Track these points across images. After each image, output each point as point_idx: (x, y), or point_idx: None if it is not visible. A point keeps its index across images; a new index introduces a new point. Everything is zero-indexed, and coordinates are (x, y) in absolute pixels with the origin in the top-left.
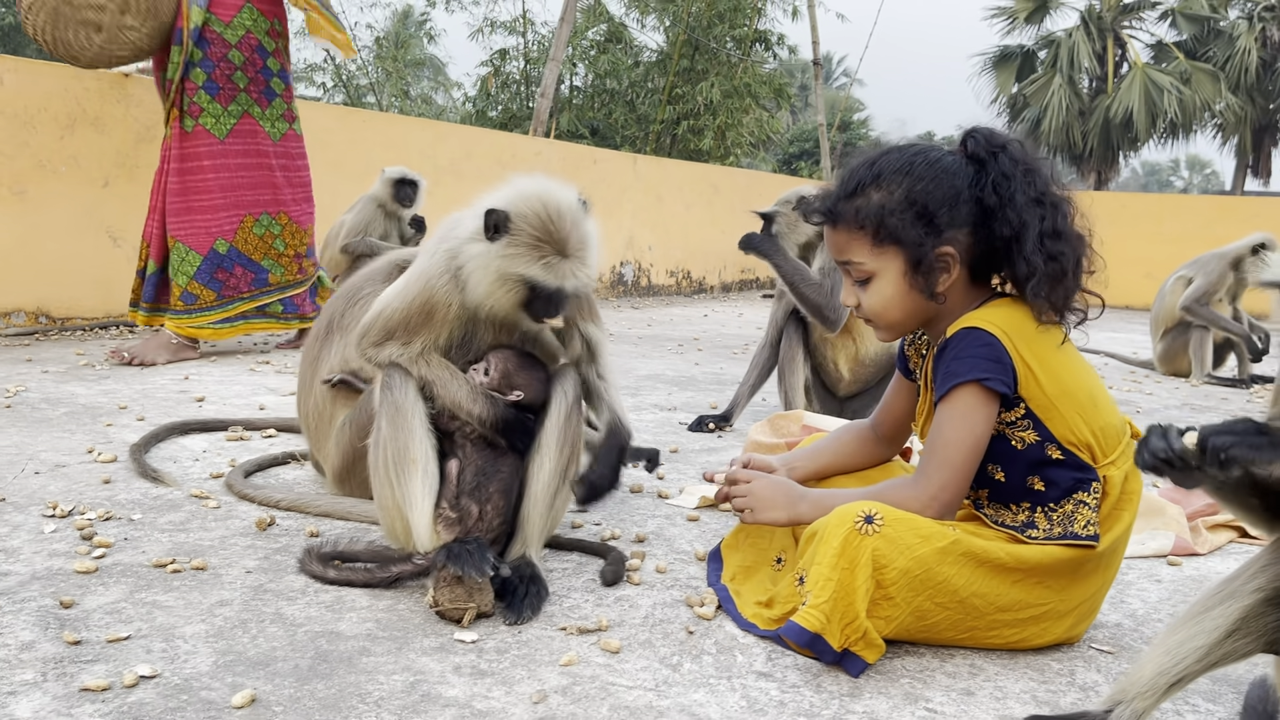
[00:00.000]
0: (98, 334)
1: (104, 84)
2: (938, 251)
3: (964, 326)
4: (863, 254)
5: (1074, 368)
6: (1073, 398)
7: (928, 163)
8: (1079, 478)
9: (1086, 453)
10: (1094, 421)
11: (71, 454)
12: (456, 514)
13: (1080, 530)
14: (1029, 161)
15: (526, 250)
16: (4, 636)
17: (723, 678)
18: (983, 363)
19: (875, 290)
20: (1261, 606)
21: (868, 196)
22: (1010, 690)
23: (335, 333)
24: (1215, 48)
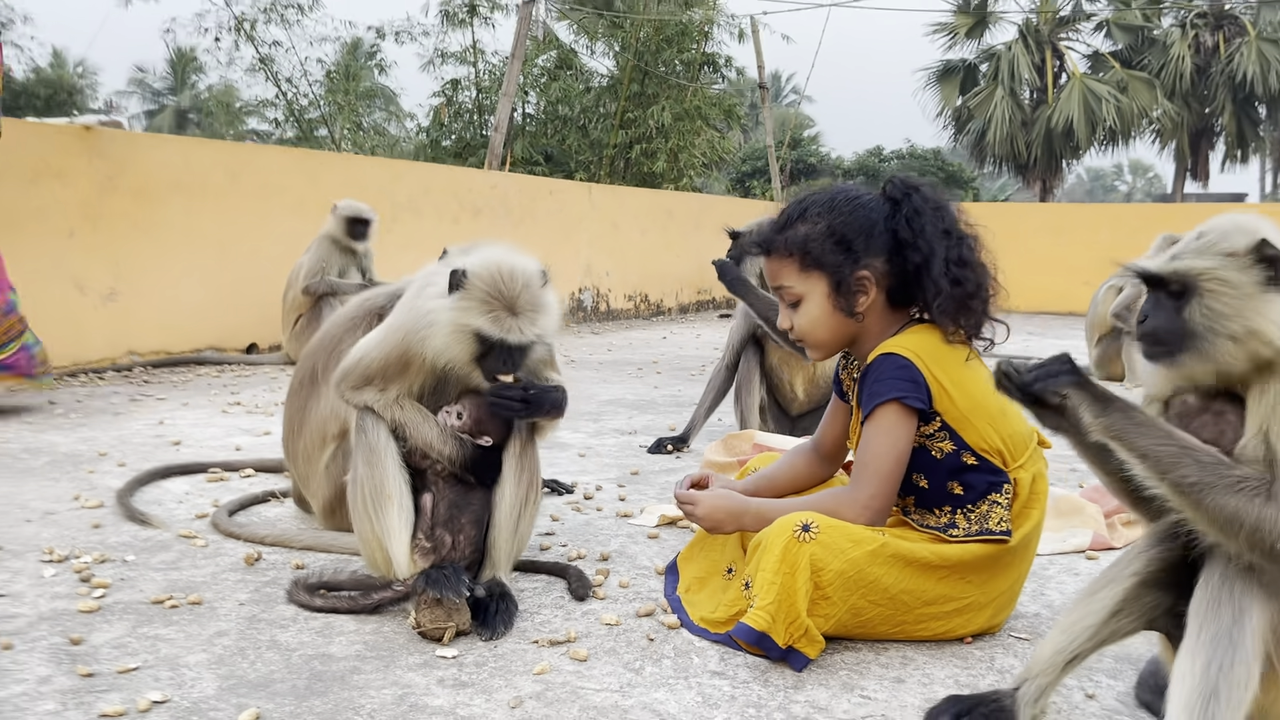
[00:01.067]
0: (67, 382)
1: (66, 137)
2: (855, 275)
3: (882, 352)
4: (792, 279)
5: (984, 383)
6: (983, 409)
7: (847, 199)
8: (992, 480)
9: (998, 458)
10: (1003, 430)
11: (59, 501)
12: (432, 544)
13: (995, 527)
14: (938, 200)
15: (478, 305)
16: (22, 672)
17: (680, 678)
18: (900, 383)
19: (804, 311)
20: (1138, 589)
21: (795, 229)
22: (936, 676)
23: (321, 382)
24: (1150, 56)
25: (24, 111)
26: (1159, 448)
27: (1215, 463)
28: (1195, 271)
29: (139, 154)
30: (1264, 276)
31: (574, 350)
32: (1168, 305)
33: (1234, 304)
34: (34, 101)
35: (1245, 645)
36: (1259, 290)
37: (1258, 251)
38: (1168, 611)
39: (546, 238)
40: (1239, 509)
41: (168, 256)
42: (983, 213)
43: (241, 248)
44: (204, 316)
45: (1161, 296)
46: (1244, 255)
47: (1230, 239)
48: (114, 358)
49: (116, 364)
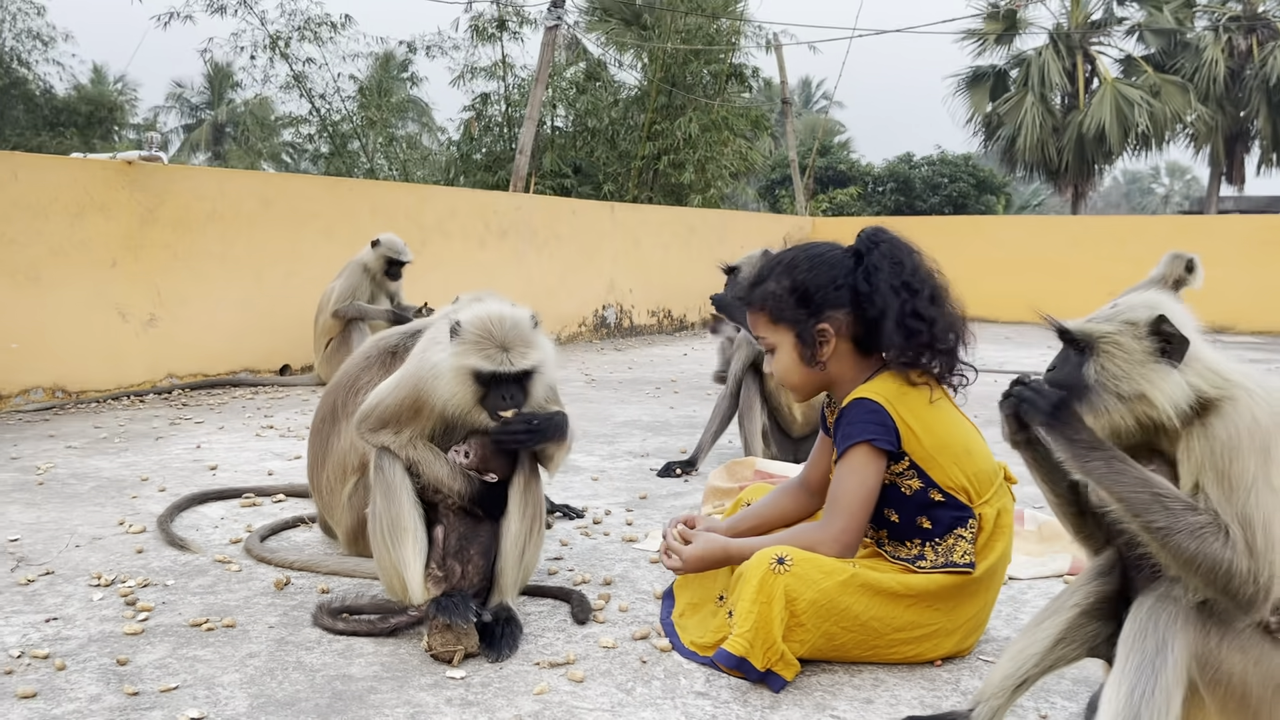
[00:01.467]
0: (110, 405)
1: (109, 172)
2: (816, 328)
3: (855, 398)
4: (764, 330)
5: (950, 424)
6: (949, 450)
7: (809, 258)
8: (957, 516)
9: (964, 495)
10: (968, 468)
11: (105, 526)
12: (443, 573)
13: (959, 560)
14: (896, 255)
15: (472, 347)
16: (75, 690)
17: (668, 698)
18: (870, 426)
19: (778, 359)
20: (1079, 619)
21: (765, 285)
22: (903, 697)
23: (341, 419)
24: (1183, 60)
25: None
26: (1133, 493)
27: (1182, 509)
28: (1097, 334)
29: (176, 185)
30: (1156, 348)
31: (595, 368)
32: (1073, 360)
33: (1125, 367)
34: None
35: (1166, 673)
36: (1150, 359)
37: (1154, 325)
38: (1107, 640)
39: (570, 256)
40: (1198, 551)
41: (204, 283)
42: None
43: (275, 273)
44: (239, 340)
45: (1070, 352)
46: (1143, 326)
47: (1136, 311)
48: (154, 380)
49: (156, 386)
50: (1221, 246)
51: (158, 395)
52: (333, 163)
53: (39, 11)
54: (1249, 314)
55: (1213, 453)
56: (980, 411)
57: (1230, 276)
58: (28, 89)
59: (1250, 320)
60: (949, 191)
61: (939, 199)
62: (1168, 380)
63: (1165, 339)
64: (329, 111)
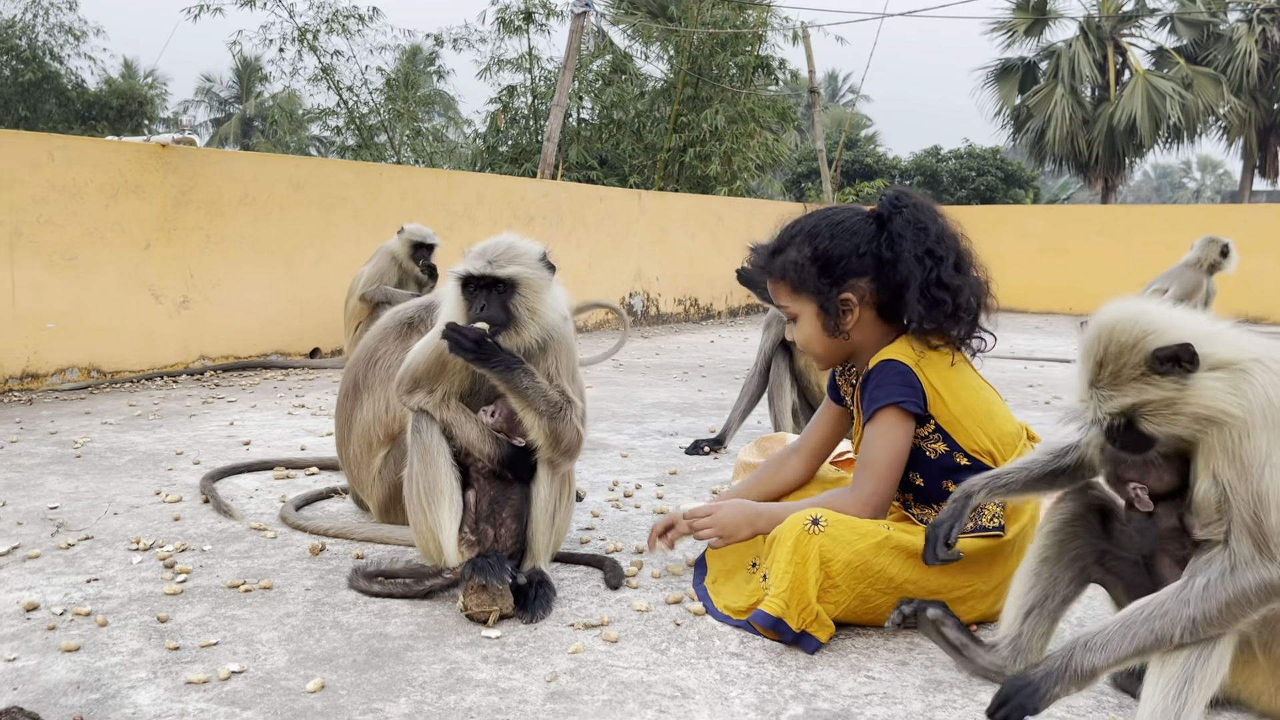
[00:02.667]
0: (144, 385)
1: (143, 155)
2: (840, 298)
3: (882, 359)
4: (786, 299)
5: (973, 387)
6: (973, 413)
7: (830, 225)
8: None
9: (988, 458)
10: (991, 431)
11: (142, 496)
12: (476, 537)
13: (988, 523)
14: (921, 220)
15: (461, 260)
16: (117, 645)
17: (702, 658)
18: (899, 388)
19: (800, 328)
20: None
21: (786, 254)
22: (938, 659)
23: (363, 391)
24: (1216, 51)
25: (97, 122)
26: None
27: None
28: (1128, 406)
29: (210, 169)
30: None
31: (623, 354)
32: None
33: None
34: (107, 112)
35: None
36: (1179, 387)
37: (1151, 361)
38: (1097, 561)
39: (598, 244)
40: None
41: (237, 266)
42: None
43: (305, 256)
44: (270, 322)
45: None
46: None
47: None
48: (187, 362)
49: (189, 368)
50: (1254, 234)
51: (190, 376)
52: (360, 155)
53: (71, 6)
54: None
55: (1224, 437)
56: (1011, 396)
57: (1263, 266)
58: (60, 83)
59: None
60: (977, 185)
61: (966, 192)
62: (1201, 392)
63: (1173, 363)
64: (356, 104)
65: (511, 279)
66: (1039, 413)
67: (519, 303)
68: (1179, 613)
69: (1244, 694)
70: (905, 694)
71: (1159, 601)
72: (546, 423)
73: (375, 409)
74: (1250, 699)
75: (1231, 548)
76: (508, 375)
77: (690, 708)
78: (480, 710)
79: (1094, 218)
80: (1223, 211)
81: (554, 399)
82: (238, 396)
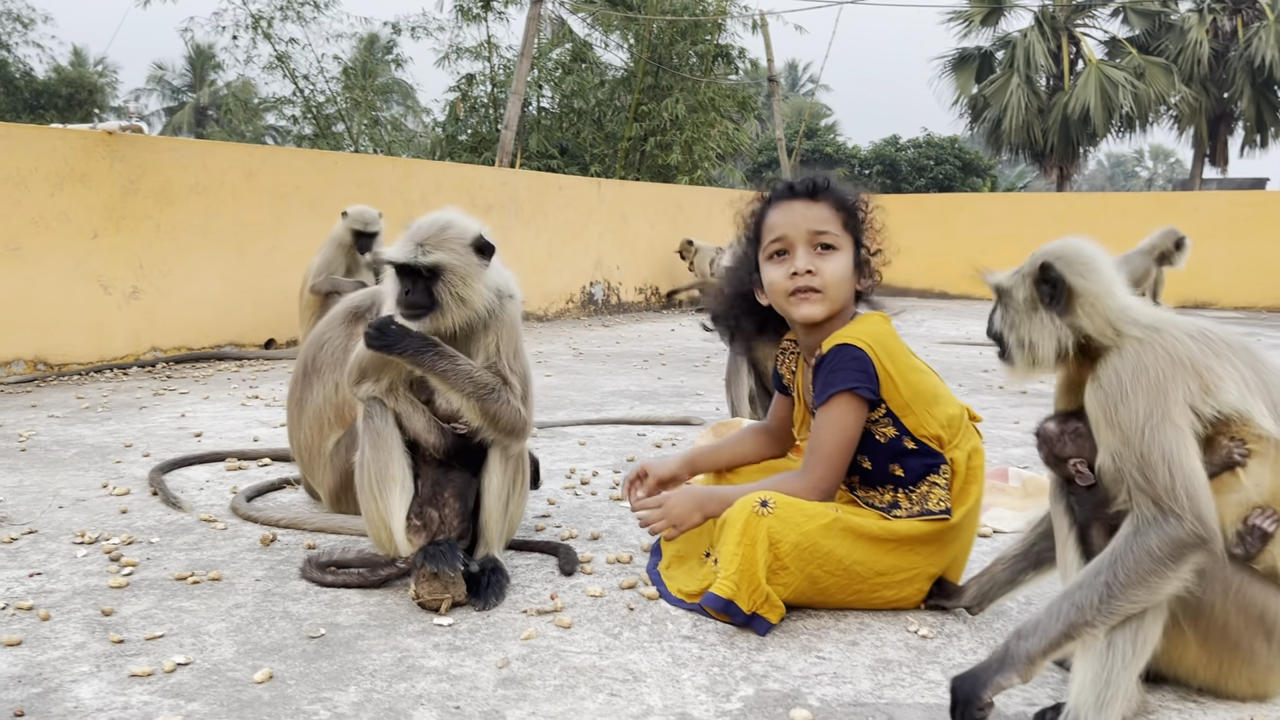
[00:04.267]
0: (93, 378)
1: (89, 143)
2: (871, 254)
3: (838, 343)
4: (836, 229)
5: (921, 371)
6: (922, 397)
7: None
8: (929, 463)
9: (935, 442)
10: (939, 415)
11: (89, 489)
12: (421, 521)
13: (934, 507)
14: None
15: (395, 243)
16: (60, 639)
17: (654, 642)
18: (854, 374)
19: (837, 260)
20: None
21: (844, 189)
22: (888, 639)
23: (312, 375)
24: (1167, 41)
25: (46, 111)
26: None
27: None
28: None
29: (159, 157)
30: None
31: (583, 343)
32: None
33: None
34: (55, 101)
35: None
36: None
37: (1040, 274)
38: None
39: (557, 233)
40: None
41: (188, 256)
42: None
43: (259, 246)
44: (223, 313)
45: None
46: (1028, 275)
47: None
48: (137, 354)
49: (140, 360)
50: (1204, 222)
51: (141, 368)
52: (317, 144)
53: None
54: (1232, 290)
55: (1102, 399)
56: (965, 380)
57: (1213, 253)
58: (7, 71)
59: (1233, 296)
60: (935, 174)
61: (925, 181)
62: (1045, 327)
63: (1051, 284)
64: (313, 93)
65: (435, 266)
66: (992, 396)
67: (443, 289)
68: (1095, 582)
69: (1180, 670)
70: (855, 673)
71: (1079, 578)
72: (477, 404)
73: (325, 391)
74: (1187, 675)
75: (1135, 512)
76: (418, 359)
77: (642, 690)
78: (431, 697)
79: (1049, 205)
80: (1173, 199)
81: (482, 380)
82: (190, 388)
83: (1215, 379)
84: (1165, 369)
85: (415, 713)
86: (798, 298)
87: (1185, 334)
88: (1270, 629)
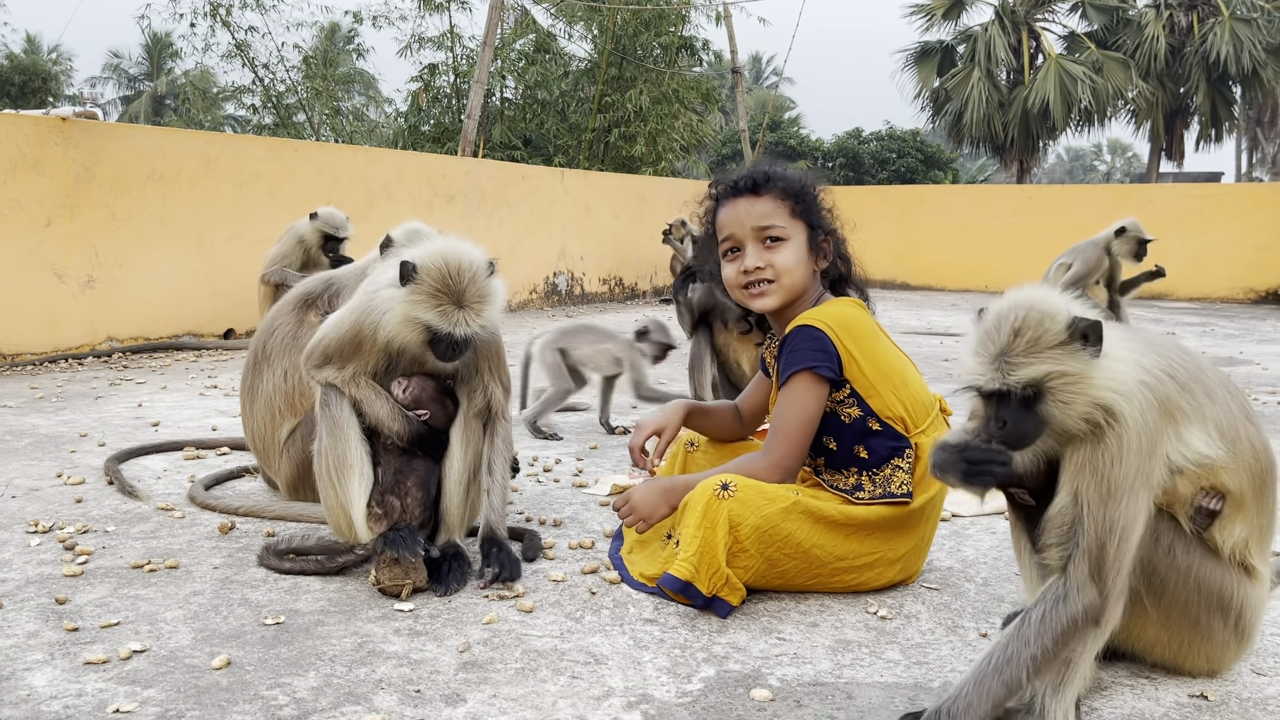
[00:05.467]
0: (48, 368)
1: (42, 128)
2: (823, 237)
3: (799, 324)
4: (783, 220)
5: (888, 354)
6: (888, 379)
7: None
8: (894, 446)
9: (900, 425)
10: (905, 398)
11: (42, 479)
12: (383, 510)
13: (897, 490)
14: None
15: (427, 298)
16: (12, 628)
17: (616, 625)
18: (813, 354)
19: (788, 250)
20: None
21: (790, 177)
22: (848, 621)
23: (263, 363)
24: (1125, 36)
25: None
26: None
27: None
28: (1043, 376)
29: (115, 144)
30: (1087, 348)
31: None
32: (1018, 410)
33: (1078, 387)
34: (8, 89)
35: None
36: (1090, 366)
37: (1072, 328)
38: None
39: (521, 223)
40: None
41: (145, 244)
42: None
43: (217, 235)
44: (181, 303)
45: (1012, 404)
46: (1067, 338)
47: (1047, 327)
48: (93, 344)
49: (96, 350)
50: (1159, 214)
51: (97, 358)
52: (278, 134)
53: None
54: (1185, 282)
55: (1095, 459)
56: (927, 370)
57: (1168, 245)
58: None
59: (1187, 287)
60: (897, 167)
61: (887, 174)
62: (1104, 373)
63: (1086, 335)
64: (273, 82)
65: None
66: (953, 385)
67: (484, 362)
68: (1023, 654)
69: (1137, 646)
70: (815, 654)
71: (1003, 646)
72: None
73: (275, 380)
74: (1144, 650)
75: (1069, 573)
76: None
77: (603, 673)
78: (391, 681)
79: (1009, 197)
80: (1129, 192)
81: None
82: (147, 378)
83: (1186, 423)
84: (1156, 424)
85: (375, 696)
86: (751, 291)
87: (1164, 373)
88: (1226, 607)
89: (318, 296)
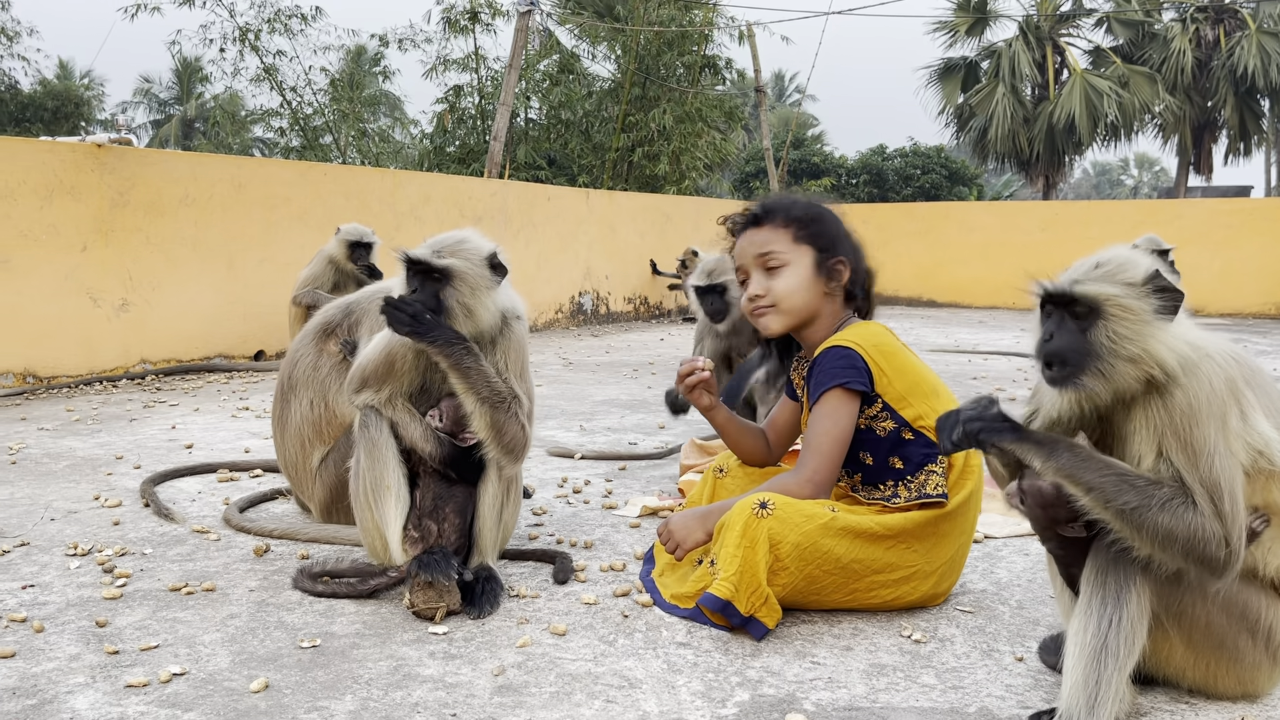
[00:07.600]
0: (83, 390)
1: (79, 155)
2: (836, 258)
3: (827, 346)
4: (783, 245)
5: (917, 367)
6: (918, 389)
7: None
8: (927, 452)
9: (933, 433)
10: (937, 408)
11: (80, 501)
12: (419, 533)
13: (932, 491)
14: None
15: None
16: (54, 651)
17: (649, 649)
18: (844, 370)
19: (787, 275)
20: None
21: (793, 206)
22: (882, 644)
23: (289, 393)
24: (1151, 50)
25: (32, 124)
26: (1102, 479)
27: (1147, 484)
28: (1104, 296)
29: (148, 169)
30: (1157, 305)
31: (572, 353)
32: (1071, 327)
33: (1134, 328)
34: (41, 114)
35: (1130, 607)
36: (1153, 317)
37: (1153, 282)
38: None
39: (546, 243)
40: (1172, 523)
41: (177, 268)
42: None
43: (248, 258)
44: (213, 325)
45: (1066, 318)
46: (1141, 284)
47: (1127, 270)
48: (127, 366)
49: (129, 372)
50: (1187, 229)
51: (131, 380)
52: (305, 157)
53: (3, 6)
54: (1216, 297)
55: (1173, 420)
56: (955, 388)
57: (1197, 260)
58: None
59: (1218, 303)
60: (922, 183)
61: (912, 190)
62: (1167, 336)
63: (1163, 293)
64: (300, 105)
65: (447, 269)
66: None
67: (452, 295)
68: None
69: (1167, 671)
70: (849, 678)
71: (1122, 471)
72: (489, 411)
73: (301, 409)
74: (1175, 676)
75: (1198, 502)
76: (447, 350)
77: (637, 697)
78: (427, 705)
79: (1036, 213)
80: (1157, 207)
81: (499, 388)
82: (180, 400)
83: (1249, 406)
84: (1224, 398)
85: None
86: (755, 315)
87: (1229, 355)
88: (1254, 627)
89: (337, 325)
